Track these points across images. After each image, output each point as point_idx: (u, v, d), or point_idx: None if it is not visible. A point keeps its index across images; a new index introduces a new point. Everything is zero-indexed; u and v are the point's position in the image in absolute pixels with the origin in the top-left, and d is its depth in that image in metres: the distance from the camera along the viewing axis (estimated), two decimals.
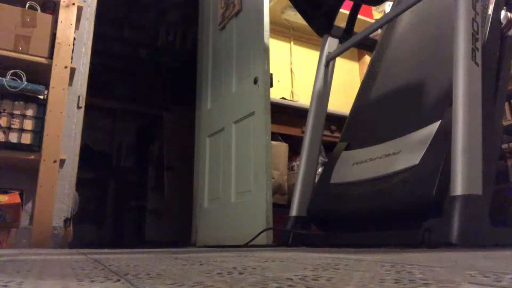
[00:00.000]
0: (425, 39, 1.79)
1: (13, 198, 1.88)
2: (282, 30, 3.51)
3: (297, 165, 2.30)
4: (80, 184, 2.32)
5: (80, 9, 2.30)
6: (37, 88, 2.01)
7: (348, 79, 3.55)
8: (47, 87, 2.05)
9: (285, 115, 2.57)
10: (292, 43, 3.57)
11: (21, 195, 1.93)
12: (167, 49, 4.62)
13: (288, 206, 1.92)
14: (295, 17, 3.23)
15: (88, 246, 2.50)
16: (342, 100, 3.03)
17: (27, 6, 2.14)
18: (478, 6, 1.37)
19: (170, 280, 0.39)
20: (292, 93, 3.37)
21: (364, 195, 1.52)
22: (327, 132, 2.60)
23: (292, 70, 3.45)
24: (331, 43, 2.13)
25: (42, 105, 2.02)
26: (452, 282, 0.35)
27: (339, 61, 2.22)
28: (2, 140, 1.90)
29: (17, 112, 1.96)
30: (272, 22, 2.35)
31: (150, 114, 4.73)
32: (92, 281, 0.41)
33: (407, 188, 1.35)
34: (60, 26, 2.14)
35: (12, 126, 1.93)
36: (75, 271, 0.51)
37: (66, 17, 2.18)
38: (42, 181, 1.92)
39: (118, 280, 0.41)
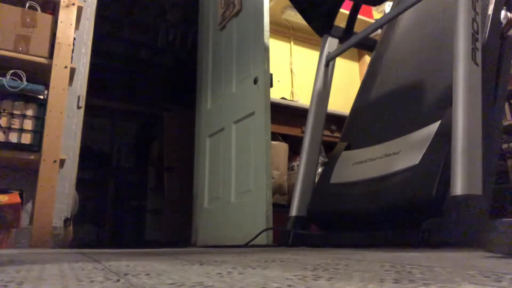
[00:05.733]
0: (425, 39, 1.79)
1: (13, 198, 1.88)
2: (282, 30, 3.51)
3: (297, 165, 2.30)
4: (80, 184, 2.32)
5: (80, 9, 2.29)
6: (37, 88, 2.01)
7: (348, 79, 3.55)
8: (47, 87, 2.05)
9: (285, 115, 2.57)
10: (292, 43, 3.56)
11: (21, 195, 1.93)
12: (167, 49, 4.62)
13: (288, 206, 1.92)
14: (295, 17, 3.22)
15: (88, 246, 2.50)
16: (342, 100, 3.03)
17: (27, 6, 2.14)
18: (478, 6, 1.37)
19: (170, 280, 0.39)
20: (292, 93, 3.37)
21: (364, 195, 1.52)
22: (327, 132, 2.60)
23: (292, 70, 3.45)
24: (331, 43, 2.13)
25: (42, 105, 2.02)
26: (452, 282, 0.35)
27: (339, 61, 2.22)
28: (2, 140, 1.90)
29: (17, 112, 1.96)
30: (272, 22, 2.36)
31: (150, 114, 4.73)
32: (92, 281, 0.41)
33: (407, 188, 1.35)
34: (60, 26, 2.14)
35: (12, 126, 1.93)
36: (75, 271, 0.51)
37: (66, 17, 2.18)
38: (42, 181, 1.92)
39: (118, 280, 0.41)
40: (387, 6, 3.03)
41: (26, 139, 1.95)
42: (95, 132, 4.39)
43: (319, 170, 2.17)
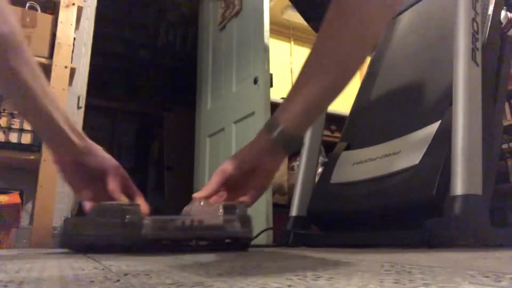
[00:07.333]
0: (425, 39, 1.79)
1: (13, 198, 1.88)
2: (282, 30, 3.50)
3: (297, 165, 2.30)
4: None
5: (80, 9, 2.29)
6: None
7: None
8: None
9: None
10: (292, 43, 3.56)
11: (21, 195, 1.93)
12: (167, 49, 4.62)
13: (288, 206, 1.92)
14: (295, 17, 3.22)
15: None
16: (342, 100, 3.03)
17: (27, 6, 2.14)
18: (478, 6, 1.37)
19: (170, 280, 0.39)
20: None
21: (364, 195, 1.52)
22: (327, 132, 2.59)
23: (292, 70, 3.45)
24: None
25: None
26: (452, 282, 0.35)
27: None
28: (2, 140, 1.90)
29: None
30: (272, 22, 2.36)
31: (150, 114, 4.73)
32: (92, 281, 0.41)
33: (407, 188, 1.34)
34: (60, 26, 2.14)
35: (12, 126, 1.93)
36: (75, 271, 0.51)
37: (66, 17, 2.18)
38: (42, 181, 1.92)
39: (118, 280, 0.41)
40: None
41: (26, 139, 1.95)
42: (95, 132, 4.39)
43: (319, 170, 2.17)
